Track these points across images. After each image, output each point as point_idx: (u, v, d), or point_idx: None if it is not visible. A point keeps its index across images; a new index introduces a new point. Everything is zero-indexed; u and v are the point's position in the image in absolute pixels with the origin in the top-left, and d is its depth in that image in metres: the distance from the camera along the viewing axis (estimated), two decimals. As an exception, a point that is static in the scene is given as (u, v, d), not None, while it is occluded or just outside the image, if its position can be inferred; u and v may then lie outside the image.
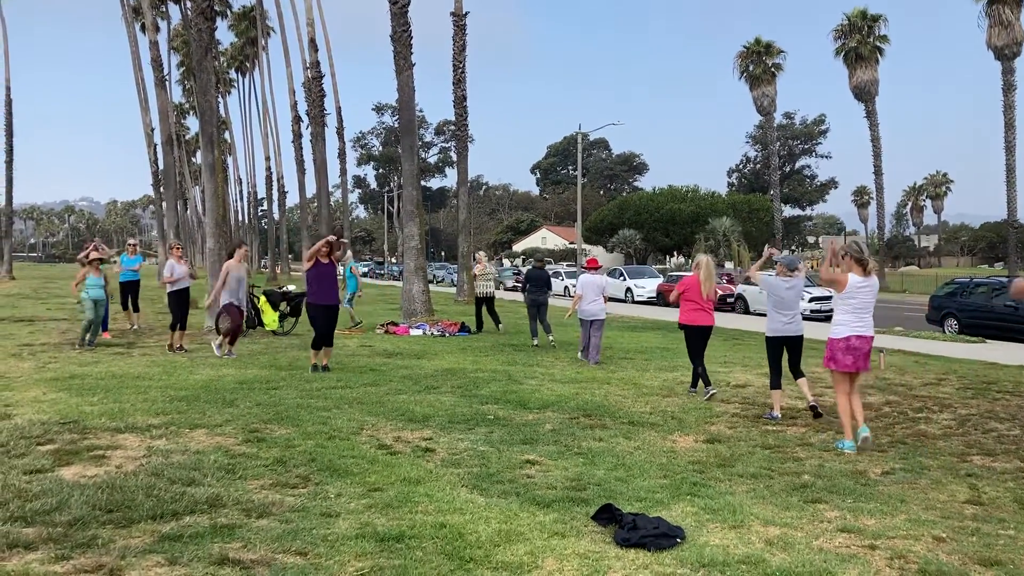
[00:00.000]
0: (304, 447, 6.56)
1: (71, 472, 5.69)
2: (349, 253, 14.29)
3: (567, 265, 52.10)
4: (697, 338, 9.91)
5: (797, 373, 8.82)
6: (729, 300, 28.94)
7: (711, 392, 9.51)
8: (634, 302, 34.13)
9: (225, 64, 71.85)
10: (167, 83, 23.22)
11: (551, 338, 15.29)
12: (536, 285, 15.97)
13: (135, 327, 16.73)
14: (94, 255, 14.09)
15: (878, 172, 50.55)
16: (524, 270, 32.90)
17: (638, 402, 9.20)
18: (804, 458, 6.72)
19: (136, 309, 17.08)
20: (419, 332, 16.82)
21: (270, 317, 16.36)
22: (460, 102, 28.28)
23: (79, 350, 13.16)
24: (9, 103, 51.28)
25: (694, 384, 10.05)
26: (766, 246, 9.74)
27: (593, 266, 13.58)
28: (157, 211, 35.74)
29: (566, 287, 36.54)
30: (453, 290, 35.31)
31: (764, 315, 9.37)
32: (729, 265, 59.21)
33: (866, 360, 7.21)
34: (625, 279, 36.17)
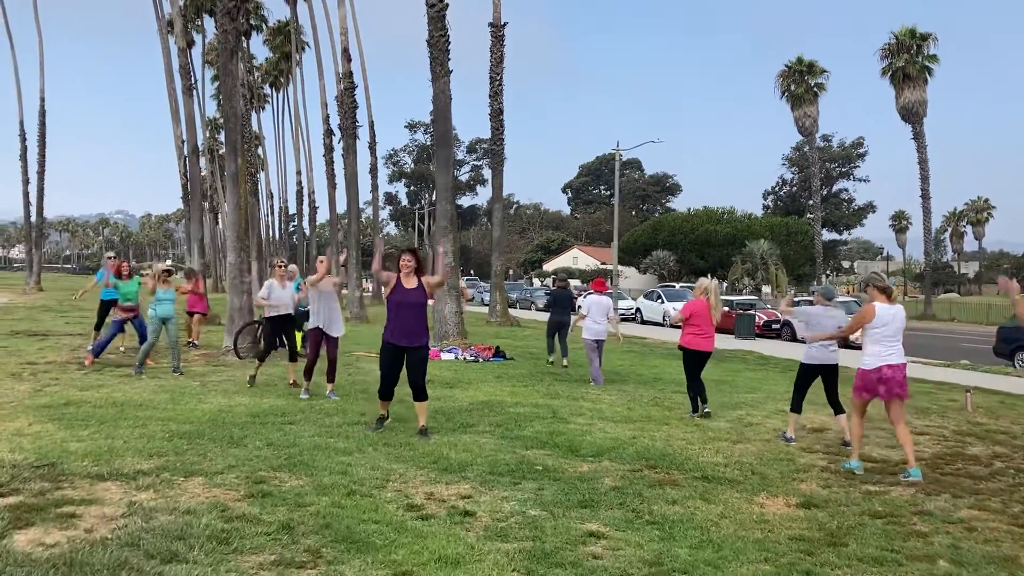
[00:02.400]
0: (318, 506, 5.40)
1: (27, 538, 4.58)
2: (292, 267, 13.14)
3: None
4: (697, 363, 10.01)
5: (837, 408, 8.76)
6: (775, 327, 27.54)
7: (706, 411, 9.89)
8: (672, 326, 32.75)
9: (260, 79, 71.73)
10: (195, 91, 22.49)
11: (565, 362, 15.18)
12: (561, 305, 16.05)
13: (122, 348, 15.09)
14: (159, 267, 12.60)
15: (925, 196, 48.78)
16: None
17: (706, 449, 7.95)
18: (928, 532, 5.44)
19: (122, 330, 14.75)
20: (451, 356, 15.68)
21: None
22: (496, 115, 27.26)
23: (136, 375, 11.76)
24: (43, 114, 51.23)
25: (695, 409, 10.02)
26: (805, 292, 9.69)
27: (600, 289, 13.74)
28: (186, 225, 35.16)
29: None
30: (485, 310, 34.17)
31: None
32: (766, 289, 57.62)
33: (903, 388, 7.13)
34: (663, 302, 34.83)
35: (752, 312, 27.79)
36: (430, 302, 8.45)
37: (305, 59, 63.50)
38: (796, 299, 9.09)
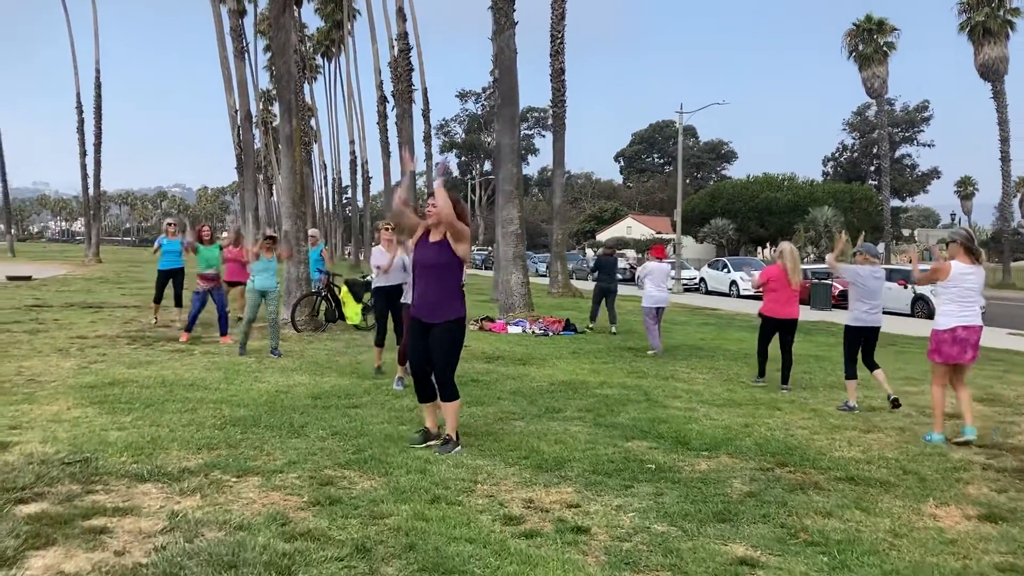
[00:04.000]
0: (397, 518, 4.43)
1: (43, 563, 3.68)
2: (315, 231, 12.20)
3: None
4: (775, 330, 9.63)
5: (872, 364, 8.58)
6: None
7: (759, 382, 9.61)
8: (739, 296, 31.37)
9: (311, 49, 71.21)
10: (247, 56, 21.73)
11: (614, 328, 15.19)
12: (607, 272, 16.05)
13: (155, 322, 14.18)
14: (264, 233, 11.40)
15: (1005, 159, 46.15)
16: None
17: (835, 439, 6.82)
18: None
19: (180, 304, 14.10)
20: (518, 330, 14.67)
21: (352, 310, 14.43)
22: (557, 75, 25.96)
23: (243, 356, 10.59)
24: (98, 85, 51.15)
25: (761, 374, 9.83)
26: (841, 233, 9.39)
27: (659, 255, 13.44)
28: (241, 195, 34.66)
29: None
30: (540, 280, 33.09)
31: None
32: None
33: (975, 351, 6.98)
34: (729, 271, 33.38)
35: (828, 281, 26.26)
36: (466, 270, 6.34)
37: (356, 28, 62.42)
38: (857, 248, 8.71)
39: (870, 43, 52.55)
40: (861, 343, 8.49)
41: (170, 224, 14.51)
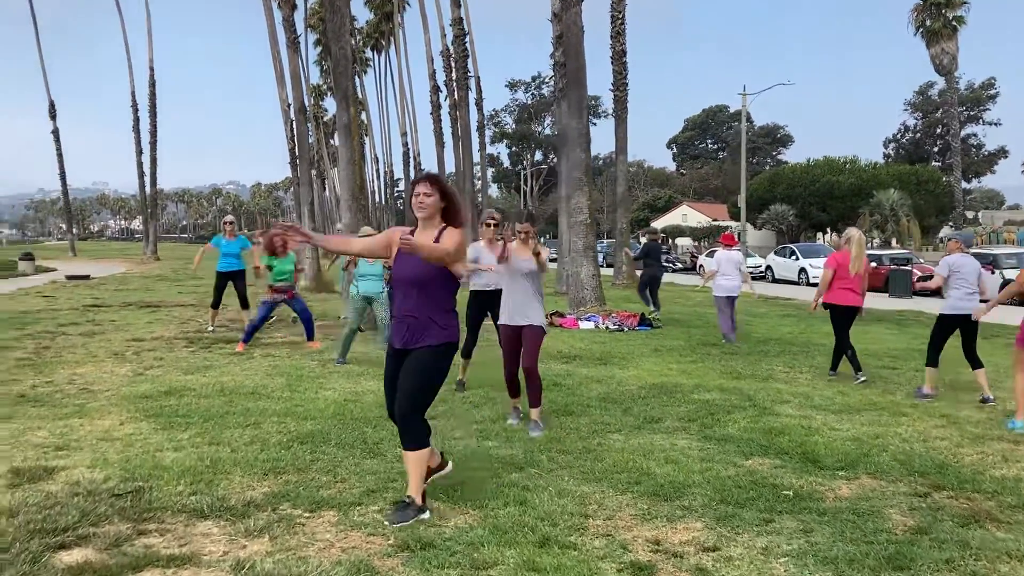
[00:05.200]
0: (503, 568, 3.67)
1: (85, 639, 3.00)
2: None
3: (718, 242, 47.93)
4: (843, 318, 9.21)
5: (975, 362, 8.10)
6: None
7: (861, 379, 8.85)
8: (809, 284, 30.06)
9: (361, 43, 71.10)
10: (299, 46, 21.23)
11: (657, 314, 14.94)
12: (654, 258, 15.91)
13: (212, 329, 12.92)
14: (365, 231, 10.42)
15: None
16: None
17: (986, 453, 5.89)
18: None
19: (245, 305, 12.95)
20: (590, 325, 13.87)
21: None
22: (619, 58, 24.99)
23: (339, 365, 9.56)
24: (152, 84, 51.49)
25: (834, 368, 9.43)
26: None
27: (729, 243, 13.13)
28: (295, 190, 34.33)
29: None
30: (606, 271, 32.16)
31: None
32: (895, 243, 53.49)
33: None
34: (798, 258, 32.05)
35: (908, 267, 24.89)
36: (464, 272, 4.72)
37: (406, 18, 61.91)
38: (949, 236, 9.00)
39: (938, 17, 50.43)
40: (951, 333, 8.22)
41: (228, 223, 13.45)
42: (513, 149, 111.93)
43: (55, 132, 54.06)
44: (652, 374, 9.17)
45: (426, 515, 4.34)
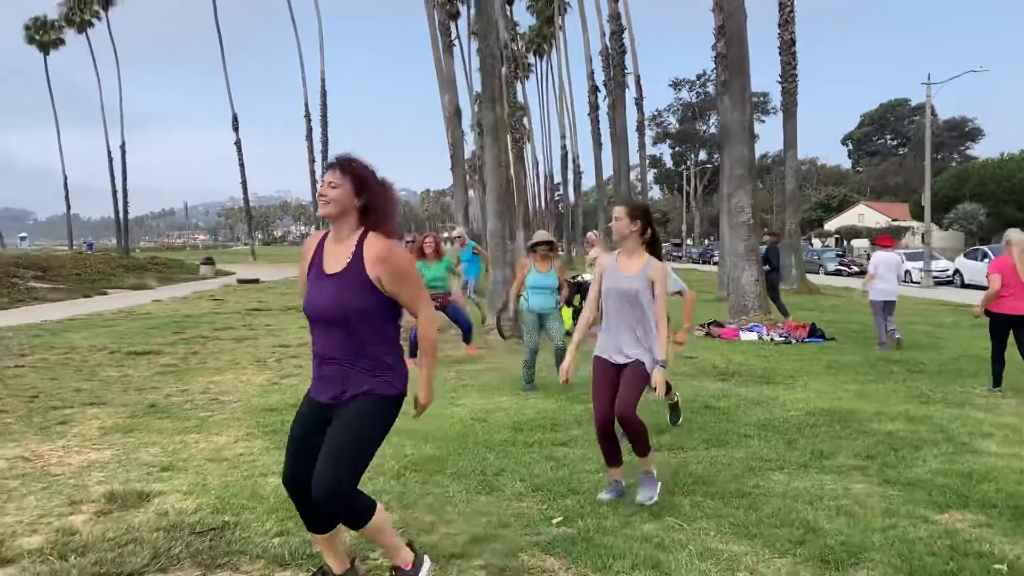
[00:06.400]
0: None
1: None
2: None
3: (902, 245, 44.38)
4: (1003, 327, 8.49)
5: None
6: None
7: (997, 391, 8.37)
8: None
9: (523, 48, 71.54)
10: (458, 49, 21.18)
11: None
12: (774, 263, 15.34)
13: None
14: (540, 235, 9.10)
15: None
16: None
17: None
18: None
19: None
20: (753, 336, 12.71)
21: (563, 314, 13.07)
22: (787, 47, 23.38)
23: (526, 391, 8.32)
24: (323, 94, 53.87)
25: (996, 383, 8.55)
26: None
27: (887, 244, 12.75)
28: (456, 194, 34.60)
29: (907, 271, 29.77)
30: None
31: None
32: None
33: None
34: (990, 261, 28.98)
35: None
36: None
37: (567, 21, 61.69)
38: None
39: None
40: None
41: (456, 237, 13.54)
42: (676, 149, 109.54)
43: (237, 143, 57.46)
44: (823, 397, 8.04)
45: (426, 566, 3.45)
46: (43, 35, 63.58)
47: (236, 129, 57.07)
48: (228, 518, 4.30)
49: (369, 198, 3.18)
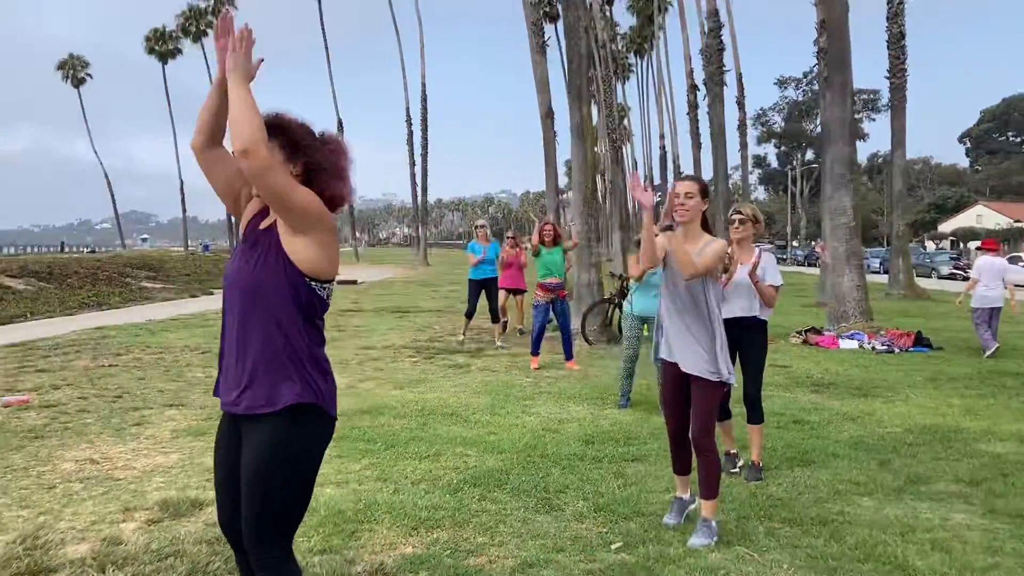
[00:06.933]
0: None
1: None
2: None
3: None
4: None
5: None
6: None
7: None
8: None
9: (623, 48, 70.98)
10: (545, 50, 20.97)
11: None
12: None
13: (463, 340, 12.23)
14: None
15: None
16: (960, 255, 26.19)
17: None
18: None
19: (496, 318, 12.32)
20: (853, 344, 12.01)
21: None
22: (896, 41, 22.21)
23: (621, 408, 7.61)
24: (424, 99, 54.49)
25: None
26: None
27: (991, 248, 12.26)
28: (547, 195, 34.39)
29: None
30: (878, 279, 28.94)
31: None
32: None
33: None
34: None
35: None
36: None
37: (667, 20, 60.59)
38: None
39: None
40: None
41: (480, 227, 13.04)
42: (782, 149, 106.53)
43: (341, 147, 58.73)
44: (925, 412, 7.45)
45: None
46: (162, 46, 66.73)
47: (341, 133, 58.38)
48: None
49: (307, 158, 2.55)
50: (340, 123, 58.03)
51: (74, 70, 73.17)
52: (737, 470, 5.45)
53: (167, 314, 17.31)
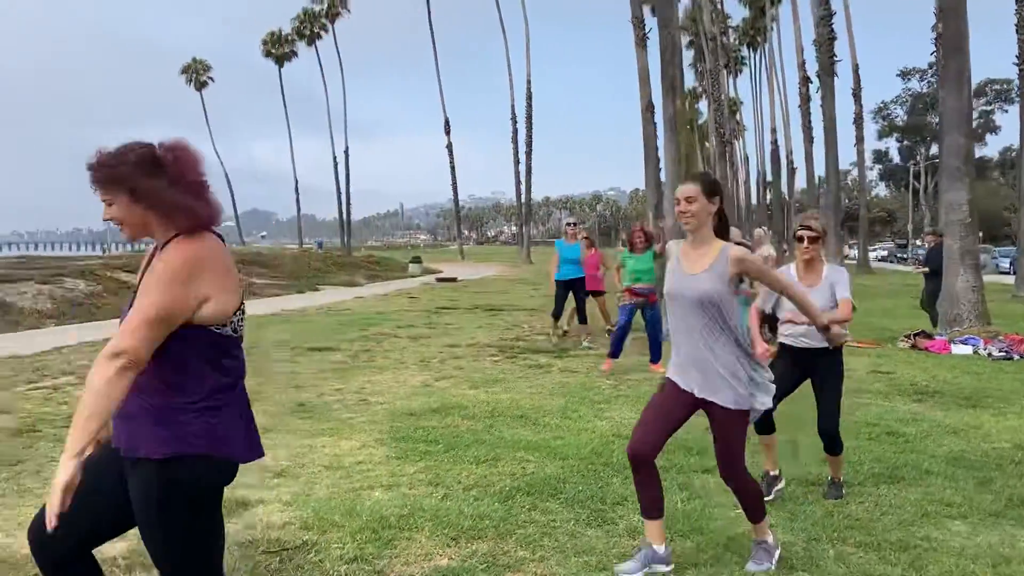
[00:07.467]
0: None
1: None
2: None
3: None
4: None
5: None
6: None
7: None
8: None
9: (736, 41, 69.38)
10: (646, 43, 20.46)
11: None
12: (935, 266, 13.11)
13: (555, 341, 12.11)
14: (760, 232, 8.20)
15: None
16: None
17: None
18: None
19: (583, 319, 12.05)
20: (967, 350, 11.18)
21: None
22: (1026, 25, 20.74)
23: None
24: (529, 96, 54.54)
25: None
26: None
27: None
28: (648, 191, 33.77)
29: None
30: (1001, 279, 27.14)
31: None
32: None
33: None
34: None
35: None
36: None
37: (780, 11, 58.60)
38: None
39: None
40: None
41: (569, 226, 12.64)
42: (904, 143, 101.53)
43: (449, 146, 59.58)
44: (1039, 426, 6.79)
45: None
46: (278, 49, 69.16)
47: (448, 132, 59.16)
48: (311, 536, 4.08)
49: (143, 196, 2.29)
50: (447, 122, 58.78)
51: (197, 74, 76.74)
52: (772, 497, 4.80)
53: (270, 309, 17.73)
